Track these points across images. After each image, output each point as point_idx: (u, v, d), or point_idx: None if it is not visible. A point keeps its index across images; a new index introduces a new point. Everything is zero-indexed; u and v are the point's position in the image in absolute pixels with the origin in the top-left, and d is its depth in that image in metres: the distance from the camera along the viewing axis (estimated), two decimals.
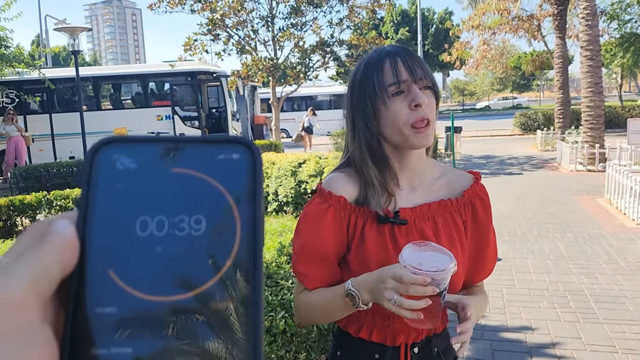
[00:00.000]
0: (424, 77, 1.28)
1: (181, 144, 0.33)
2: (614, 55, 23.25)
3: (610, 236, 6.65)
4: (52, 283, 0.29)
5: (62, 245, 0.30)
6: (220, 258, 0.31)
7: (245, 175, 0.32)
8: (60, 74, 17.10)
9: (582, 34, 12.64)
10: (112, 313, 0.30)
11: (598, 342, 3.85)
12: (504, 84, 56.22)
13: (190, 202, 0.32)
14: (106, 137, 0.34)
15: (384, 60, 1.29)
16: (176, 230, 0.32)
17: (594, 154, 12.25)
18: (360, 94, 1.32)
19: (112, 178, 0.33)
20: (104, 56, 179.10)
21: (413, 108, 1.25)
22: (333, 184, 1.36)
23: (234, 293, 0.30)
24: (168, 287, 0.31)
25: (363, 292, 1.20)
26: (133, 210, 0.32)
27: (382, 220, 1.31)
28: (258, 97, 25.09)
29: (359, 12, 15.16)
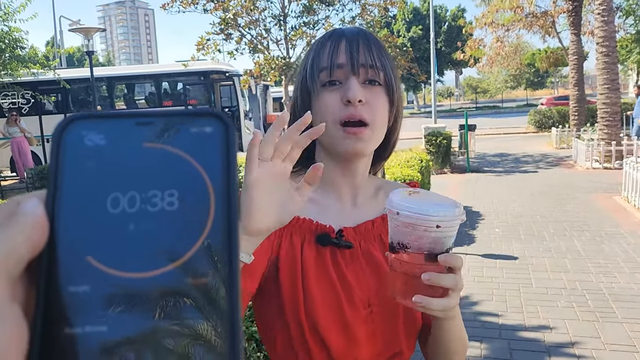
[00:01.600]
0: (369, 66, 1.01)
1: (152, 118, 0.33)
2: (629, 51, 22.96)
3: (628, 234, 6.56)
4: (20, 262, 0.29)
5: (31, 225, 0.29)
6: (194, 232, 0.30)
7: (218, 148, 0.32)
8: (75, 74, 17.25)
9: (597, 30, 12.50)
10: (84, 291, 0.30)
11: (618, 341, 3.80)
12: (517, 82, 55.77)
13: (162, 177, 0.31)
14: (75, 113, 0.33)
15: (326, 41, 1.04)
16: (149, 205, 0.31)
17: (610, 151, 12.11)
18: (297, 80, 1.10)
19: (81, 155, 0.32)
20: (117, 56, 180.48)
21: (345, 103, 1.00)
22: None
23: (209, 268, 0.30)
24: (141, 264, 0.30)
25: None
26: (104, 187, 0.31)
27: (323, 241, 1.03)
28: (270, 96, 25.14)
29: (371, 10, 15.11)
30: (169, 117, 0.33)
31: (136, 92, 18.77)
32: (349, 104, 0.99)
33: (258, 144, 0.76)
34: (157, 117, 0.33)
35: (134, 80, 18.42)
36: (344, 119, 1.00)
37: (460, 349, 1.09)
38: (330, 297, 1.00)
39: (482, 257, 5.95)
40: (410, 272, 0.87)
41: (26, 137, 13.99)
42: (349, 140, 1.01)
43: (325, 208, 1.10)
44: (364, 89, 1.01)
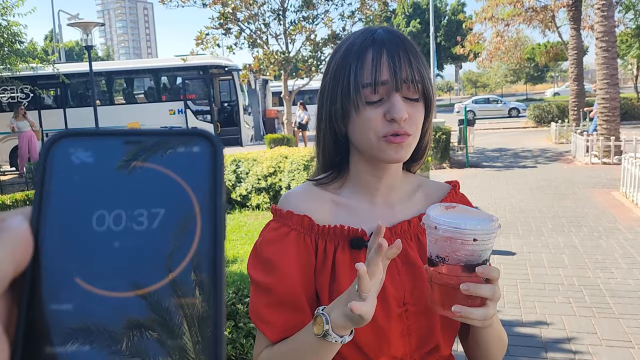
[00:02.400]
0: (411, 81, 1.00)
1: (140, 137, 0.33)
2: (629, 46, 22.92)
3: (626, 230, 6.58)
4: (4, 279, 0.28)
5: (15, 242, 0.29)
6: (180, 251, 0.30)
7: (206, 168, 0.32)
8: (74, 69, 17.25)
9: (597, 24, 12.48)
10: (67, 310, 0.29)
11: (614, 337, 3.82)
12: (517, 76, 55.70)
13: (149, 196, 0.31)
14: (62, 130, 0.33)
15: (367, 50, 1.01)
16: (134, 224, 0.31)
17: (609, 146, 12.12)
18: (332, 86, 1.06)
19: (68, 172, 0.32)
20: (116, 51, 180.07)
21: (388, 120, 1.00)
22: (292, 201, 1.09)
23: (194, 287, 0.30)
24: (126, 283, 0.30)
25: (334, 312, 0.90)
26: (89, 205, 0.31)
27: (357, 245, 1.05)
28: (270, 91, 25.11)
29: (371, 4, 15.08)
30: (157, 136, 0.33)
31: (135, 87, 18.76)
32: (392, 121, 1.00)
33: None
34: (145, 136, 0.33)
35: (133, 74, 18.40)
36: (388, 134, 1.01)
37: (501, 348, 1.12)
38: None
39: None
40: (448, 284, 0.90)
41: (34, 131, 14.04)
42: (391, 150, 1.02)
43: (358, 211, 1.11)
44: (405, 104, 1.01)
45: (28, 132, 14.00)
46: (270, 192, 8.35)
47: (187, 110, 17.01)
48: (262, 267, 1.05)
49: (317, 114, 1.13)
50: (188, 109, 17.04)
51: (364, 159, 1.09)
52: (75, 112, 16.86)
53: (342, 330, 0.89)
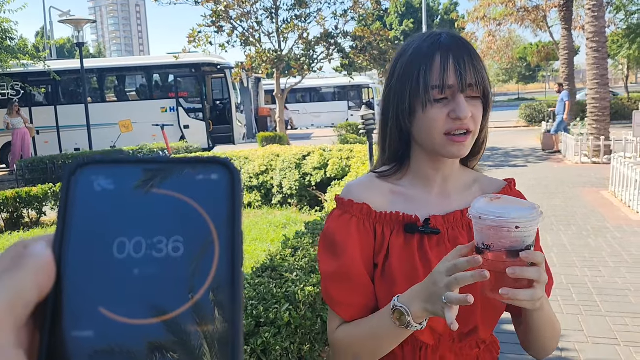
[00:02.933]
0: (475, 84, 1.10)
1: (160, 165, 0.33)
2: (620, 46, 23.10)
3: (614, 229, 6.65)
4: (27, 306, 0.29)
5: (38, 268, 0.30)
6: (198, 280, 0.31)
7: (224, 196, 0.32)
8: (65, 66, 17.15)
9: (588, 25, 12.57)
10: (88, 337, 0.30)
11: (600, 334, 3.87)
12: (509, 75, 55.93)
13: (168, 224, 0.32)
14: (83, 157, 0.34)
15: (435, 54, 1.11)
16: (154, 251, 0.31)
17: (599, 146, 12.21)
18: (399, 86, 1.15)
19: (90, 199, 0.32)
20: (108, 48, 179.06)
21: (453, 118, 1.10)
22: (353, 191, 1.20)
23: (212, 315, 0.30)
24: (145, 310, 0.30)
25: (413, 305, 1.00)
26: (110, 232, 0.32)
27: (411, 229, 1.15)
28: (262, 89, 25.09)
29: (364, 3, 15.11)
30: (176, 164, 0.33)
31: (127, 84, 18.69)
32: (457, 119, 1.09)
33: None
34: (164, 163, 0.33)
35: (125, 72, 18.32)
36: (451, 131, 1.10)
37: (554, 334, 1.18)
38: (410, 276, 1.11)
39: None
40: (496, 269, 0.95)
41: (27, 128, 13.97)
42: (454, 148, 1.12)
43: (413, 199, 1.21)
44: (468, 103, 1.11)
45: (22, 129, 13.93)
46: (262, 190, 8.37)
47: (179, 108, 16.97)
48: (329, 252, 1.17)
49: (382, 112, 1.23)
50: (180, 107, 17.00)
51: (424, 154, 1.19)
52: (67, 110, 16.77)
53: (421, 319, 1.01)
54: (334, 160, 7.54)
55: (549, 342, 1.18)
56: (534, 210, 0.95)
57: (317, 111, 28.74)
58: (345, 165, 7.36)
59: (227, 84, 17.53)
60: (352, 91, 28.81)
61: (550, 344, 1.19)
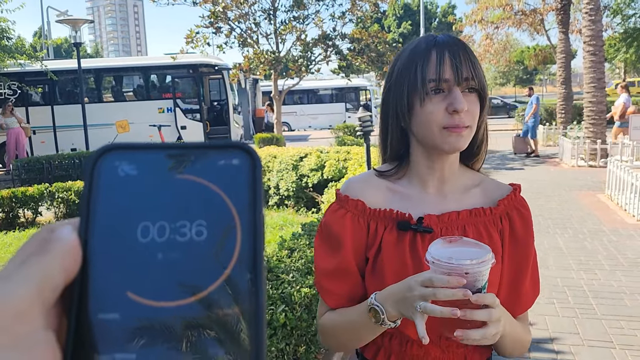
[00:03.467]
0: (471, 78, 1.13)
1: (182, 150, 0.34)
2: (617, 50, 23.20)
3: (610, 232, 6.66)
4: (55, 290, 0.29)
5: (65, 252, 0.30)
6: (221, 263, 0.31)
7: (246, 180, 0.33)
8: (62, 65, 17.11)
9: (585, 29, 12.61)
10: (114, 319, 0.30)
11: (596, 337, 3.87)
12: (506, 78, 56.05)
13: (191, 208, 0.32)
14: (108, 144, 0.34)
15: (431, 50, 1.14)
16: (177, 235, 0.32)
17: (595, 149, 12.24)
18: (398, 83, 1.18)
19: (114, 184, 0.33)
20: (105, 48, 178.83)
21: (450, 112, 1.12)
22: (350, 187, 1.26)
23: (235, 298, 0.31)
24: (170, 293, 0.31)
25: (388, 306, 1.05)
26: (134, 217, 0.32)
27: (403, 227, 1.18)
28: (260, 90, 25.08)
29: (362, 5, 15.12)
30: (199, 149, 0.34)
31: (124, 85, 18.65)
32: (454, 112, 1.12)
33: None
34: (187, 149, 0.34)
35: (122, 72, 18.29)
36: (449, 125, 1.13)
37: (522, 349, 1.25)
38: (400, 273, 1.14)
39: None
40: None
41: (23, 128, 13.92)
42: (452, 139, 1.13)
43: (410, 198, 1.24)
44: (465, 98, 1.13)
45: (16, 129, 13.90)
46: None
47: (176, 108, 16.94)
48: (325, 243, 1.23)
49: (382, 111, 1.26)
50: (177, 108, 16.97)
51: (422, 151, 1.22)
52: (63, 109, 16.72)
53: (394, 319, 1.07)
54: (331, 162, 7.54)
55: (518, 352, 1.24)
56: (485, 255, 0.99)
57: (315, 113, 28.74)
58: (342, 167, 7.36)
59: (225, 85, 17.50)
60: (349, 93, 28.83)
61: (519, 353, 1.25)
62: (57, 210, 8.14)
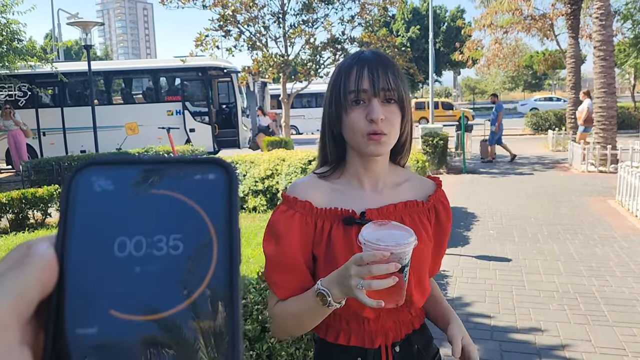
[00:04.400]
0: (388, 89, 1.27)
1: (159, 165, 0.34)
2: (627, 55, 23.03)
3: (621, 238, 6.60)
4: (31, 304, 0.29)
5: (41, 267, 0.30)
6: (197, 277, 0.32)
7: (221, 195, 0.33)
8: (72, 68, 17.20)
9: (595, 33, 12.53)
10: (91, 333, 0.30)
11: (608, 344, 3.83)
12: (515, 83, 55.89)
13: (167, 223, 0.33)
14: (85, 159, 0.35)
15: (353, 66, 1.30)
16: (154, 250, 0.32)
17: (605, 155, 12.15)
18: (328, 95, 1.35)
19: (91, 200, 0.33)
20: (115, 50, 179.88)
21: (369, 120, 1.26)
22: (297, 190, 1.36)
23: (211, 311, 0.31)
24: (148, 307, 0.31)
25: (332, 289, 1.18)
26: (111, 231, 0.33)
27: (349, 222, 1.31)
28: (268, 94, 25.08)
29: (371, 9, 15.11)
30: (174, 164, 0.34)
31: (134, 87, 18.73)
32: (372, 121, 1.26)
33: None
34: (163, 164, 0.34)
35: (132, 74, 18.37)
36: (369, 132, 1.27)
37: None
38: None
39: (476, 258, 5.98)
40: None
41: (22, 130, 13.98)
42: (372, 146, 1.29)
43: (349, 195, 1.37)
44: (382, 107, 1.28)
45: (14, 131, 13.93)
46: (268, 195, 8.35)
47: (185, 111, 16.99)
48: (273, 241, 1.33)
49: (322, 118, 1.40)
50: (186, 110, 17.02)
51: (355, 153, 1.37)
52: (73, 112, 16.81)
53: (339, 299, 1.19)
54: None
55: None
56: (408, 238, 1.13)
57: None
58: None
59: (234, 88, 17.54)
60: None
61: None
62: None
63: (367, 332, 1.35)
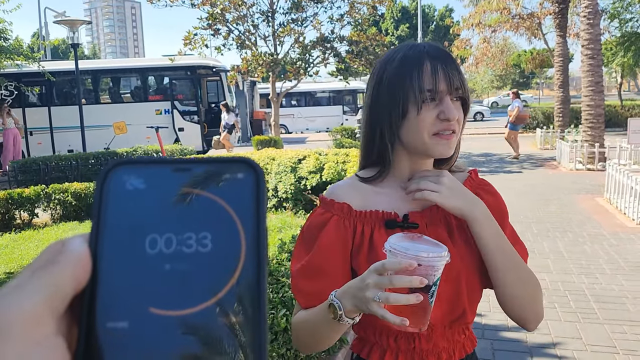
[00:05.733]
0: (460, 88, 1.19)
1: (188, 165, 0.35)
2: (614, 54, 23.22)
3: (610, 236, 6.64)
4: (65, 298, 0.31)
5: (75, 263, 0.32)
6: (226, 273, 0.32)
7: (249, 193, 0.34)
8: (60, 67, 17.04)
9: (583, 32, 12.62)
10: (123, 327, 0.31)
11: (599, 342, 3.84)
12: (503, 82, 56.18)
13: (197, 221, 0.34)
14: (117, 159, 0.36)
15: (424, 61, 1.18)
16: (184, 247, 0.33)
17: (593, 153, 12.24)
18: (391, 90, 1.21)
19: (123, 198, 0.34)
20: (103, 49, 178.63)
21: (441, 119, 1.17)
22: (336, 192, 1.28)
23: (239, 308, 0.32)
24: (176, 302, 0.32)
25: (345, 300, 1.05)
26: (143, 229, 0.34)
27: (391, 225, 1.22)
28: (257, 93, 25.06)
29: (360, 8, 15.12)
30: (205, 164, 0.35)
31: (122, 86, 18.61)
32: (444, 120, 1.17)
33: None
34: (193, 163, 0.35)
35: (120, 73, 18.25)
36: (440, 131, 1.18)
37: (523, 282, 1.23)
38: None
39: None
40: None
41: (18, 128, 13.90)
42: (441, 147, 1.19)
43: (392, 198, 1.27)
44: (454, 106, 1.19)
45: (13, 129, 13.85)
46: None
47: (174, 110, 16.90)
48: (304, 246, 1.24)
49: (369, 117, 1.27)
50: (175, 109, 16.93)
51: (407, 156, 1.26)
52: (60, 111, 16.66)
53: (352, 314, 1.06)
54: (330, 164, 7.50)
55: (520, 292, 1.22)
56: (442, 251, 1.01)
57: (312, 115, 28.73)
58: (341, 170, 7.32)
59: (223, 87, 17.49)
60: (347, 96, 28.83)
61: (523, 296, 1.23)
62: (54, 212, 8.08)
63: (418, 352, 1.21)
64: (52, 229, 7.36)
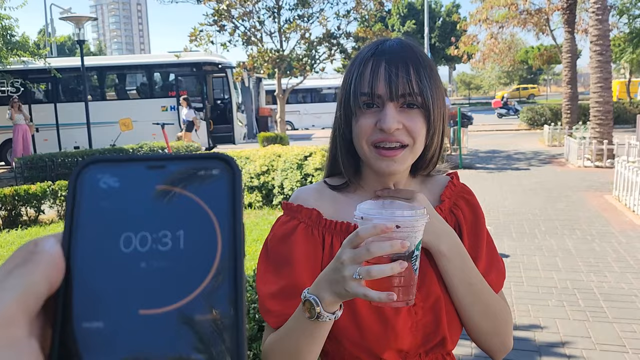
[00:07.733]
0: (408, 94, 1.03)
1: (163, 162, 0.35)
2: (623, 50, 23.04)
3: (619, 234, 6.58)
4: (38, 299, 0.30)
5: (48, 263, 0.31)
6: (202, 270, 0.32)
7: (225, 190, 0.33)
8: (66, 63, 17.07)
9: (591, 28, 12.50)
10: (98, 327, 0.31)
11: (608, 341, 3.79)
12: (510, 78, 55.90)
13: (172, 218, 0.33)
14: (90, 157, 0.35)
15: (368, 60, 1.06)
16: (159, 245, 0.32)
17: (602, 150, 12.14)
18: (340, 95, 1.13)
19: (96, 196, 0.34)
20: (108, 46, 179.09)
21: (379, 128, 1.04)
22: (302, 196, 1.16)
23: (216, 305, 0.31)
24: (152, 301, 0.32)
25: (321, 291, 0.90)
26: (117, 227, 0.33)
27: None
28: (263, 89, 25.03)
29: (366, 4, 15.05)
30: (179, 160, 0.35)
31: (127, 82, 18.61)
32: (382, 130, 1.03)
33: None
34: (167, 160, 0.35)
35: (126, 70, 18.25)
36: (377, 142, 1.05)
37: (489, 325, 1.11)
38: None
39: None
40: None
41: (28, 125, 13.96)
42: (382, 163, 1.06)
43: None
44: (401, 114, 1.04)
45: (23, 126, 13.90)
46: (263, 191, 8.29)
47: (179, 106, 16.91)
48: (271, 262, 1.10)
49: (333, 121, 1.18)
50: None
51: (370, 168, 1.13)
52: (67, 107, 16.69)
53: (332, 307, 0.91)
54: None
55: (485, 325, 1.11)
56: (418, 210, 0.90)
57: (318, 112, 28.67)
58: None
59: (228, 84, 17.47)
60: None
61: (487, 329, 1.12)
62: (60, 208, 8.09)
63: None
64: (58, 226, 7.37)
